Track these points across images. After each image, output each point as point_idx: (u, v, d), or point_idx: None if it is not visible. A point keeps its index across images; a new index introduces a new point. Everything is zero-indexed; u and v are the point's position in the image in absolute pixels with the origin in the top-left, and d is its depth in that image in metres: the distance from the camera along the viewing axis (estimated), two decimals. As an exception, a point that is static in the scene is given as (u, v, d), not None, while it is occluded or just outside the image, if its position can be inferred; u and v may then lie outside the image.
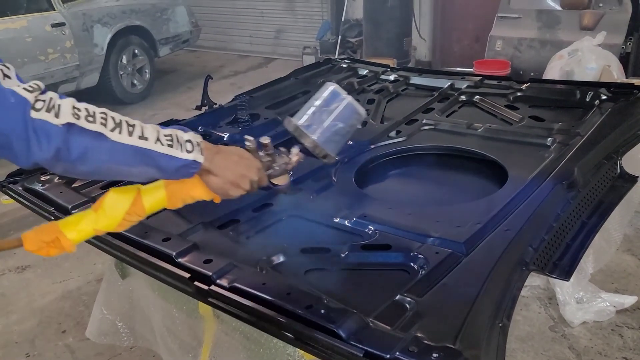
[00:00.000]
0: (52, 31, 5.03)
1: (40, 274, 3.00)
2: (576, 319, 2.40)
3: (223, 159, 1.05)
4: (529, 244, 1.26)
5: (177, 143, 0.97)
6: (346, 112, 1.26)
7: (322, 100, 1.27)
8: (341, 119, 1.26)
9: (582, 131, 1.83)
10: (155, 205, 1.07)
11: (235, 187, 1.07)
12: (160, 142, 0.96)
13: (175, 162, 0.97)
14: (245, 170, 1.08)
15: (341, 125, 1.25)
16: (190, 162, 0.99)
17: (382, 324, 1.01)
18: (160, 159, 0.96)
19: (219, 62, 7.75)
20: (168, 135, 0.97)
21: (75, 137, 0.88)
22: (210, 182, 1.05)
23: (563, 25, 4.91)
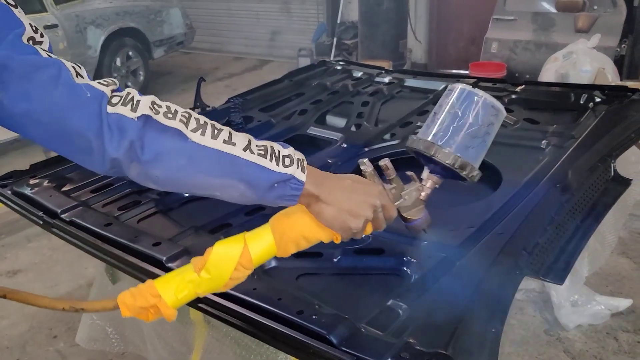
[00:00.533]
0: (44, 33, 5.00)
1: (32, 279, 2.98)
2: (571, 323, 2.39)
3: (334, 184, 0.86)
4: (523, 248, 1.24)
5: (271, 154, 0.82)
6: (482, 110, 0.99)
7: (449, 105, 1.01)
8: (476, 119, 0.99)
9: (576, 134, 1.82)
10: (264, 254, 0.90)
11: (356, 216, 0.86)
12: (251, 150, 0.81)
13: (268, 175, 0.81)
14: (365, 196, 0.87)
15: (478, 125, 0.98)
16: (288, 176, 0.82)
17: (374, 329, 0.99)
18: (248, 170, 0.81)
19: (214, 64, 7.74)
20: (261, 146, 0.83)
21: (150, 132, 0.78)
22: (322, 213, 0.85)
23: (558, 28, 4.93)
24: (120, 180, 1.68)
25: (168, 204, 1.59)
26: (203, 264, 0.88)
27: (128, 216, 1.52)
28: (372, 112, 2.22)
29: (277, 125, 2.14)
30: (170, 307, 0.88)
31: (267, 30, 7.94)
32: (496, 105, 1.01)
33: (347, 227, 0.87)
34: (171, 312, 0.89)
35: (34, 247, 3.24)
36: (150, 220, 1.51)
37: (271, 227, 0.89)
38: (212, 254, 0.88)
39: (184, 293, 0.88)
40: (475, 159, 1.00)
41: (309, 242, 0.90)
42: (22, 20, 0.79)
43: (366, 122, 2.12)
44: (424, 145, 1.00)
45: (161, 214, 1.54)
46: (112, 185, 1.66)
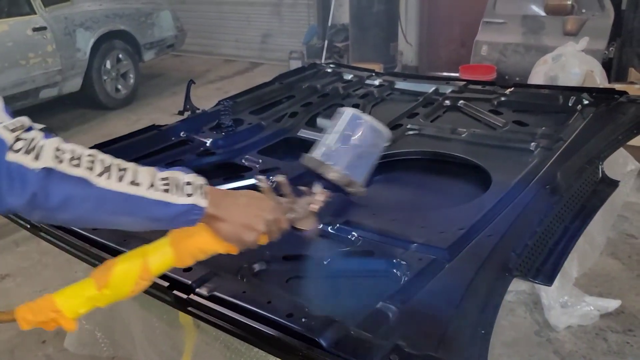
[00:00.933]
0: (33, 35, 4.97)
1: (20, 283, 2.95)
2: (561, 324, 2.40)
3: (231, 202, 0.93)
4: (512, 250, 1.25)
5: (174, 187, 0.86)
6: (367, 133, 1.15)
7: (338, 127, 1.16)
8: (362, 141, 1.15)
9: (564, 136, 1.83)
10: (162, 266, 0.95)
11: (249, 230, 0.93)
12: (155, 187, 0.84)
13: (171, 209, 0.85)
14: (258, 211, 0.95)
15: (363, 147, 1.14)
16: (189, 207, 0.86)
17: (364, 332, 0.99)
18: (153, 208, 0.84)
19: (205, 67, 7.71)
20: (164, 178, 0.86)
21: (55, 182, 0.78)
22: (220, 229, 0.93)
23: (547, 31, 4.96)
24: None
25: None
26: (105, 282, 0.91)
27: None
28: (362, 114, 2.22)
29: (267, 128, 2.14)
30: (69, 320, 0.91)
31: (258, 33, 7.93)
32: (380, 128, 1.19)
33: (242, 241, 0.95)
34: (72, 326, 0.92)
35: (23, 252, 3.21)
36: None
37: (170, 242, 0.95)
38: (112, 275, 0.92)
39: (84, 308, 0.92)
40: (361, 176, 1.16)
41: (205, 255, 0.96)
42: None
43: (356, 124, 2.12)
44: (314, 164, 1.16)
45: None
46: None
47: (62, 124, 5.38)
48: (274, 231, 0.98)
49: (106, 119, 5.61)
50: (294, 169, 1.78)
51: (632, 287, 2.64)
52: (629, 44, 4.57)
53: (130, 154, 1.92)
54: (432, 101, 2.33)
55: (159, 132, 2.07)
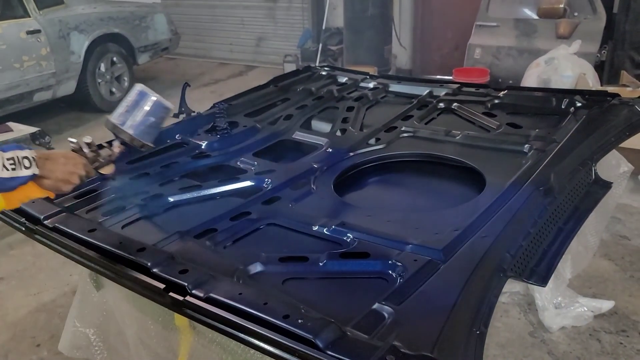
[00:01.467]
0: (27, 38, 4.96)
1: (14, 286, 2.93)
2: (555, 325, 2.41)
3: (52, 163, 1.24)
4: (507, 251, 1.26)
5: (18, 164, 1.15)
6: (155, 108, 1.48)
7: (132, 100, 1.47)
8: (152, 114, 1.47)
9: (557, 138, 1.85)
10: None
11: (65, 183, 1.27)
12: (6, 167, 1.13)
13: (18, 180, 1.16)
14: (73, 168, 1.28)
15: (152, 119, 1.48)
16: (29, 176, 1.18)
17: (360, 332, 0.99)
18: (6, 183, 1.15)
19: (199, 70, 7.71)
20: (10, 158, 1.15)
21: None
22: (44, 184, 1.24)
23: (540, 34, 5.00)
24: (104, 186, 1.66)
25: (152, 210, 1.59)
26: None
27: (112, 222, 1.51)
28: (357, 117, 2.23)
29: (262, 131, 2.14)
30: None
31: (253, 36, 7.94)
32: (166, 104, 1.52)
33: (60, 190, 1.28)
34: None
35: (17, 255, 3.19)
36: (134, 226, 1.50)
37: None
38: None
39: None
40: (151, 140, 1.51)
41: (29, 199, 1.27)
42: None
43: (351, 127, 2.13)
44: (111, 126, 1.47)
45: (146, 219, 1.54)
46: (96, 191, 1.64)
47: (56, 127, 5.36)
48: (84, 180, 1.33)
49: (100, 122, 5.58)
50: (288, 171, 1.79)
51: (625, 288, 2.66)
52: (620, 47, 4.61)
53: (126, 156, 1.92)
54: (426, 104, 2.34)
55: (154, 135, 2.06)
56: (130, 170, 1.80)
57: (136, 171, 1.81)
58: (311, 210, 1.55)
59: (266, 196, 1.63)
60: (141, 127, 1.47)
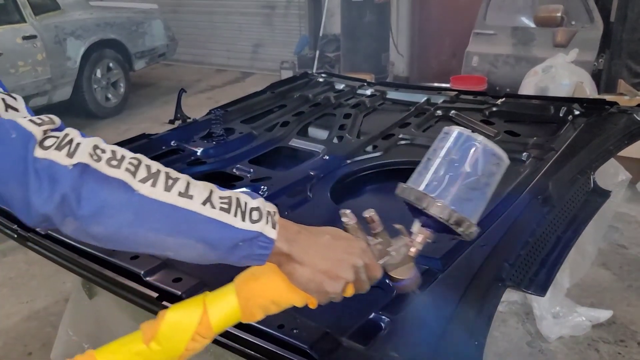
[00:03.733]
0: (23, 44, 4.94)
1: (6, 294, 2.90)
2: (553, 334, 2.40)
3: (308, 240, 0.75)
4: (505, 260, 1.25)
5: (236, 208, 0.70)
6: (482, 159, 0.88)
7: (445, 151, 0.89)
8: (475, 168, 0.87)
9: (556, 146, 1.84)
10: (226, 320, 0.77)
11: (333, 278, 0.75)
12: (212, 203, 0.69)
13: (231, 233, 0.69)
14: (344, 254, 0.76)
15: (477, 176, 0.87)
16: (255, 234, 0.70)
17: (356, 343, 0.98)
18: (208, 227, 0.69)
19: (196, 76, 7.71)
20: (225, 197, 0.71)
21: (89, 183, 0.65)
22: (296, 274, 0.74)
23: (537, 42, 5.01)
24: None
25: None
26: (153, 333, 0.73)
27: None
28: (354, 124, 2.22)
29: (258, 137, 2.13)
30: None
31: (250, 43, 7.95)
32: (497, 152, 0.89)
33: (323, 291, 0.76)
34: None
35: (9, 262, 3.16)
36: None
37: (236, 290, 0.77)
38: (163, 322, 0.74)
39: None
40: (473, 213, 0.88)
41: (279, 308, 0.78)
42: None
43: (348, 134, 2.12)
44: (415, 196, 0.88)
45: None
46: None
47: (51, 132, 5.34)
48: (364, 280, 0.79)
49: (96, 128, 5.57)
50: (285, 178, 1.78)
51: (623, 298, 2.65)
52: (617, 56, 4.62)
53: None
54: (424, 111, 2.33)
55: (149, 141, 2.05)
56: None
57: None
58: (307, 218, 1.53)
59: (262, 203, 1.61)
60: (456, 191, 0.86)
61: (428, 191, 0.86)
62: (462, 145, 0.88)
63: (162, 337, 0.73)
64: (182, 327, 0.73)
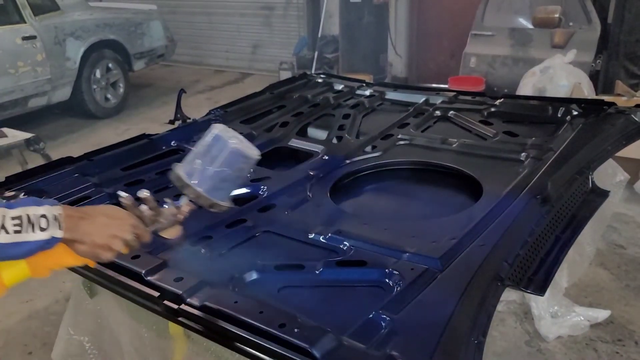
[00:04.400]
0: (22, 44, 4.93)
1: (7, 293, 2.87)
2: (551, 334, 2.40)
3: (88, 224, 0.96)
4: (504, 259, 1.25)
5: (27, 224, 0.87)
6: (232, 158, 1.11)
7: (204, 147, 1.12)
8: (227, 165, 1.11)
9: (554, 146, 1.85)
10: (16, 277, 0.96)
11: (106, 250, 0.98)
12: (6, 229, 0.85)
13: (26, 246, 0.87)
14: (116, 231, 0.99)
15: (228, 171, 1.11)
16: (45, 241, 0.89)
17: (357, 342, 0.98)
18: (8, 250, 0.85)
19: (195, 77, 7.70)
20: (16, 217, 0.86)
21: None
22: (77, 249, 0.96)
23: (535, 43, 5.02)
24: (98, 193, 1.65)
25: (148, 217, 1.57)
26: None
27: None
28: (353, 124, 2.23)
29: (258, 138, 2.13)
30: None
31: (249, 44, 7.95)
32: (247, 153, 1.13)
33: (99, 258, 0.99)
34: None
35: (9, 262, 3.16)
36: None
37: None
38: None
39: None
40: (224, 197, 1.13)
41: (62, 267, 0.98)
42: None
43: (347, 134, 2.13)
44: (179, 182, 1.11)
45: (141, 226, 1.52)
46: (90, 198, 1.63)
47: (51, 133, 5.33)
48: (133, 246, 1.02)
49: (95, 128, 5.57)
50: (284, 178, 1.78)
51: (621, 297, 2.66)
52: (615, 57, 4.63)
53: (120, 162, 1.91)
54: (423, 111, 2.34)
55: (149, 141, 2.06)
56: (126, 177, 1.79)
57: (131, 177, 1.80)
58: (307, 217, 1.54)
59: (262, 204, 1.62)
60: (211, 182, 1.10)
61: (189, 179, 1.10)
62: (219, 145, 1.11)
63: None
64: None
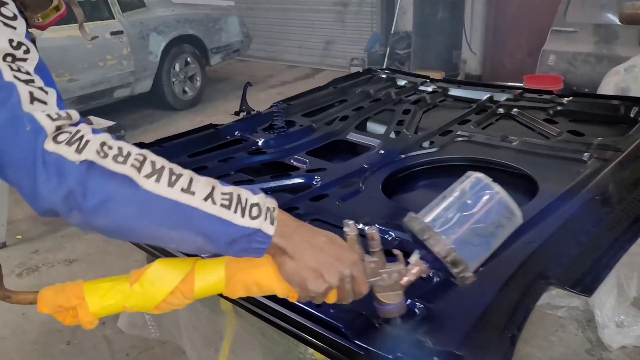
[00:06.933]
0: (111, 39, 5.31)
1: (85, 268, 3.16)
2: (615, 343, 2.30)
3: (305, 237, 0.79)
4: (552, 258, 1.23)
5: (236, 204, 0.74)
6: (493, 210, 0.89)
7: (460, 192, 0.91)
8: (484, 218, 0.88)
9: (622, 147, 1.77)
10: (208, 288, 0.82)
11: (317, 277, 0.78)
12: (213, 200, 0.73)
13: (230, 229, 0.73)
14: (335, 260, 0.79)
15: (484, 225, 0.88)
16: (253, 231, 0.74)
17: (389, 326, 1.01)
18: (208, 223, 0.72)
19: (268, 72, 7.92)
20: (226, 193, 0.74)
21: (95, 178, 0.69)
22: (284, 266, 0.78)
23: (621, 41, 4.75)
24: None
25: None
26: (139, 276, 0.80)
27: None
28: (412, 120, 2.23)
29: (317, 130, 2.19)
30: (90, 314, 0.80)
31: (321, 40, 8.06)
32: (511, 207, 0.91)
33: (305, 287, 0.79)
34: (90, 320, 0.80)
35: (90, 239, 3.43)
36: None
37: (225, 263, 0.81)
38: (150, 268, 0.80)
39: (110, 302, 0.80)
40: (473, 258, 0.88)
41: (260, 291, 0.82)
42: None
43: (406, 129, 2.13)
44: (419, 227, 0.88)
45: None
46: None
47: (132, 122, 5.69)
48: (348, 291, 0.81)
49: (173, 119, 5.88)
50: (339, 170, 1.83)
51: (697, 311, 2.49)
52: None
53: (187, 150, 2.04)
54: (485, 108, 2.30)
55: (215, 131, 2.17)
56: (191, 163, 1.91)
57: (196, 164, 1.91)
58: (357, 208, 1.57)
59: (314, 193, 1.67)
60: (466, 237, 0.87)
61: (433, 225, 0.87)
62: (478, 191, 0.91)
63: (145, 280, 0.79)
64: (166, 277, 0.79)
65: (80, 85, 5.04)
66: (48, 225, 3.67)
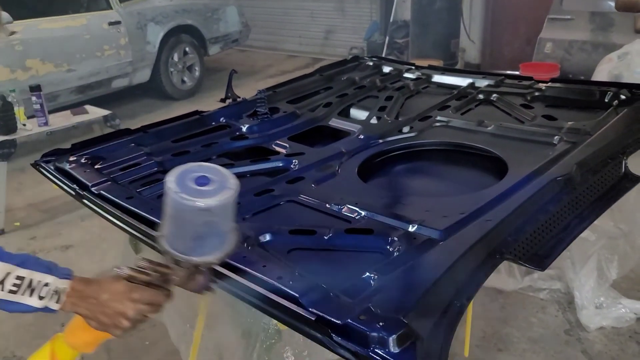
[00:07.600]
0: (108, 29, 5.36)
1: (81, 253, 3.24)
2: (593, 324, 2.36)
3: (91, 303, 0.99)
4: (508, 234, 1.29)
5: (26, 288, 0.95)
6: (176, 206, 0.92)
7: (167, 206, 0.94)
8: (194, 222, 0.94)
9: (592, 130, 1.81)
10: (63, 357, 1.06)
11: (115, 328, 1.00)
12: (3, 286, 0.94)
13: (23, 307, 0.95)
14: (121, 308, 0.99)
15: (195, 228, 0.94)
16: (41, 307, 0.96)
17: (345, 296, 1.07)
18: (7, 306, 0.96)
19: (268, 62, 7.95)
20: (20, 278, 0.95)
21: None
22: (90, 324, 1.01)
23: (617, 28, 4.76)
24: (148, 160, 1.83)
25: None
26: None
27: (150, 192, 1.66)
28: (394, 106, 2.28)
29: (301, 117, 2.24)
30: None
31: (321, 29, 8.08)
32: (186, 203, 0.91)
33: (113, 332, 1.01)
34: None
35: (86, 226, 3.51)
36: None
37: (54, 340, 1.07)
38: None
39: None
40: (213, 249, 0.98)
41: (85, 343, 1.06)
42: None
43: (387, 115, 2.19)
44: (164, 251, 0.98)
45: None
46: (140, 165, 1.81)
47: (130, 112, 5.76)
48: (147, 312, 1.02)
49: (171, 109, 5.93)
50: (317, 154, 1.88)
51: (675, 293, 2.54)
52: (702, 42, 4.29)
53: (172, 135, 2.10)
54: (467, 94, 2.35)
55: (200, 117, 2.23)
56: (174, 148, 1.97)
57: (179, 149, 1.97)
58: (331, 191, 1.63)
59: (291, 176, 1.73)
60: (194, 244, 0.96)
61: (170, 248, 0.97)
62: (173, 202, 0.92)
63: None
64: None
65: (79, 76, 5.11)
66: (45, 213, 3.76)
